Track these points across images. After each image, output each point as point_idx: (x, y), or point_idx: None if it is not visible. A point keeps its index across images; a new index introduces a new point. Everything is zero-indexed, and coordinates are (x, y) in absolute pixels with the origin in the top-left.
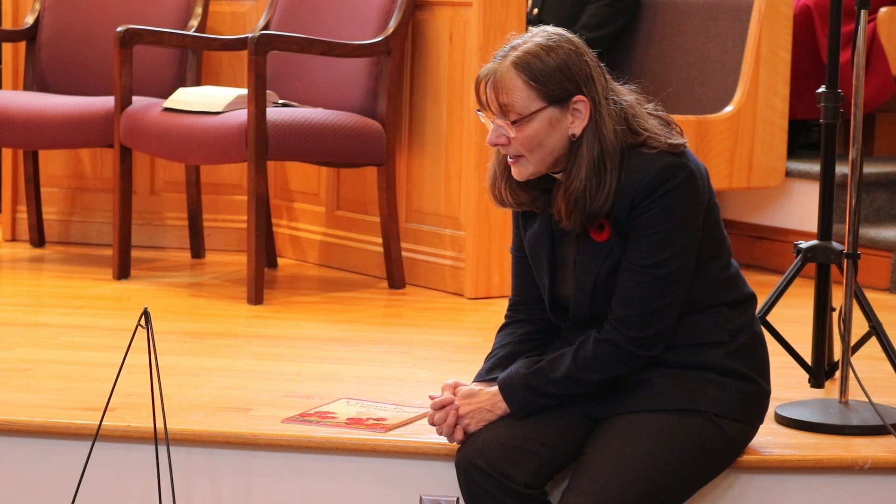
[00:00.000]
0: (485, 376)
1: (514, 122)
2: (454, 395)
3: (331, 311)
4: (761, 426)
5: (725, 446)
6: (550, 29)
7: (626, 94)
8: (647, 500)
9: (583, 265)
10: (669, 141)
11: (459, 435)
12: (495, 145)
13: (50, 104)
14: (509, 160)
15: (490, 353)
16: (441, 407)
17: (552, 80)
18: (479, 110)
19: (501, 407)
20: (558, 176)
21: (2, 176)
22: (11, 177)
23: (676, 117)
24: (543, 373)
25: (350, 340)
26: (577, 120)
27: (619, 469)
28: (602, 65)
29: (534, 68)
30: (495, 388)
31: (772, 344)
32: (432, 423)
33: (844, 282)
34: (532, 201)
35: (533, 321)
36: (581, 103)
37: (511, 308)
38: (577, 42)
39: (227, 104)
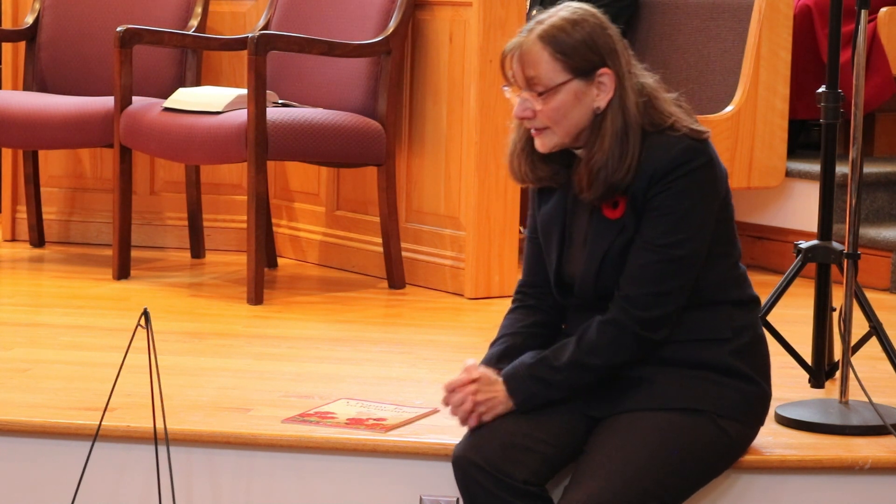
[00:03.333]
0: (495, 364)
1: (540, 94)
2: (474, 378)
3: (331, 311)
4: (760, 427)
5: (726, 446)
6: (575, 4)
7: (648, 77)
8: (649, 497)
9: (593, 241)
10: (693, 126)
11: (473, 422)
12: (522, 118)
13: (50, 104)
14: (533, 132)
15: (498, 336)
16: (454, 389)
17: (578, 52)
18: (504, 86)
19: (512, 401)
20: (579, 152)
21: (2, 176)
22: (11, 177)
23: None
24: (548, 361)
25: (350, 340)
26: (601, 93)
27: (621, 466)
28: (625, 41)
29: (560, 41)
30: None
31: (772, 344)
32: (447, 404)
33: (844, 282)
34: (552, 176)
35: (542, 309)
36: (606, 76)
37: (520, 291)
38: (601, 17)
39: (227, 104)
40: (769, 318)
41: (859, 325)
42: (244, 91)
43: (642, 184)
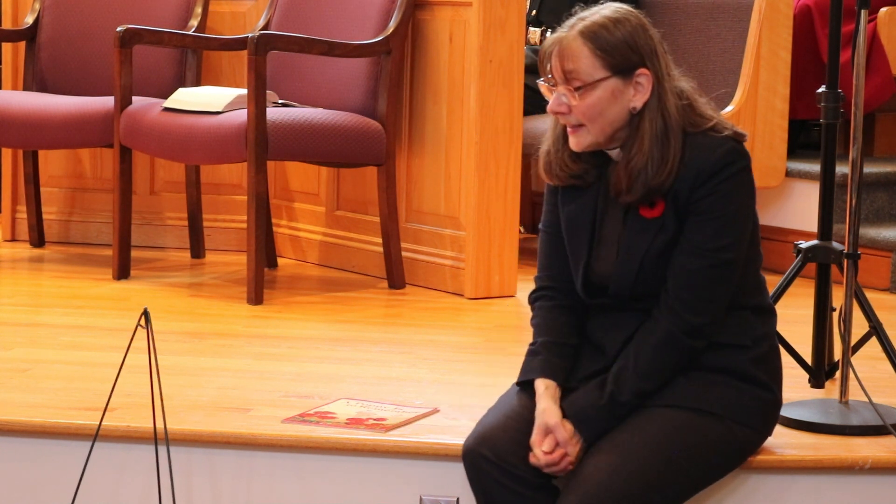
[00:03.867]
0: (564, 380)
1: (576, 89)
2: (558, 439)
3: (331, 311)
4: (769, 436)
5: (734, 450)
6: (616, 4)
7: (685, 81)
8: (651, 492)
9: (630, 241)
10: (735, 129)
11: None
12: (556, 113)
13: (50, 104)
14: (569, 130)
15: (550, 341)
16: (552, 453)
17: (618, 50)
18: (542, 80)
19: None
20: (613, 154)
21: (2, 176)
22: (11, 177)
23: None
24: (615, 398)
25: (350, 340)
26: (638, 93)
27: (625, 460)
28: (665, 45)
29: (601, 38)
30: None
31: None
32: (540, 465)
33: (844, 282)
34: (580, 174)
35: (573, 307)
36: (644, 76)
37: (545, 287)
38: (643, 18)
39: (227, 104)
40: None
41: (859, 325)
42: (244, 91)
43: (686, 184)
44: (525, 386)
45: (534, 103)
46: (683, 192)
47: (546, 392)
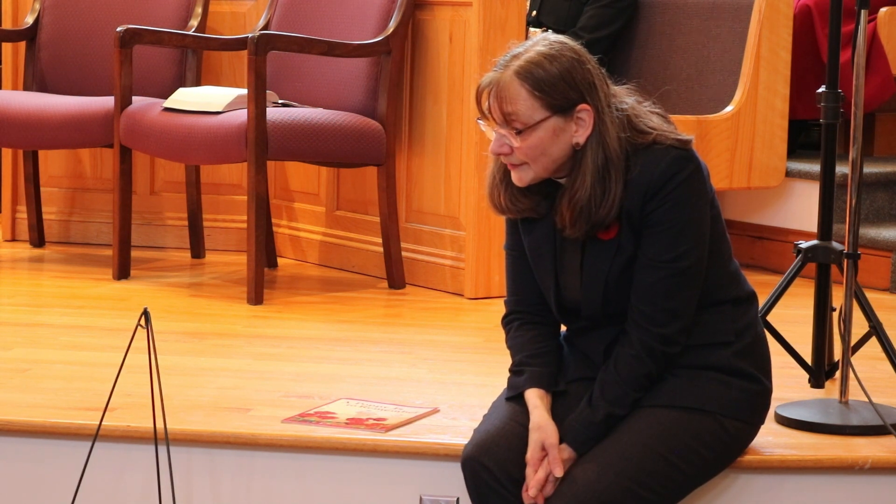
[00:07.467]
0: (553, 385)
1: (518, 132)
2: (550, 459)
3: (331, 311)
4: (761, 426)
5: (726, 445)
6: (552, 37)
7: (626, 96)
8: (642, 489)
9: (590, 266)
10: (677, 136)
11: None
12: (499, 154)
13: (50, 104)
14: (509, 166)
15: (531, 354)
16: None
17: (556, 89)
18: (479, 119)
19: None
20: (562, 181)
21: (2, 176)
22: (11, 177)
23: (676, 117)
24: (609, 412)
25: (350, 340)
26: (580, 129)
27: (614, 458)
28: (603, 70)
29: (537, 77)
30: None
31: (772, 344)
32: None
33: (844, 282)
34: (533, 207)
35: (547, 324)
36: (584, 112)
37: (512, 311)
38: (578, 50)
39: (227, 104)
40: (769, 317)
41: (859, 325)
42: (244, 91)
43: (637, 200)
44: (516, 398)
45: None
46: (636, 209)
47: (541, 403)
